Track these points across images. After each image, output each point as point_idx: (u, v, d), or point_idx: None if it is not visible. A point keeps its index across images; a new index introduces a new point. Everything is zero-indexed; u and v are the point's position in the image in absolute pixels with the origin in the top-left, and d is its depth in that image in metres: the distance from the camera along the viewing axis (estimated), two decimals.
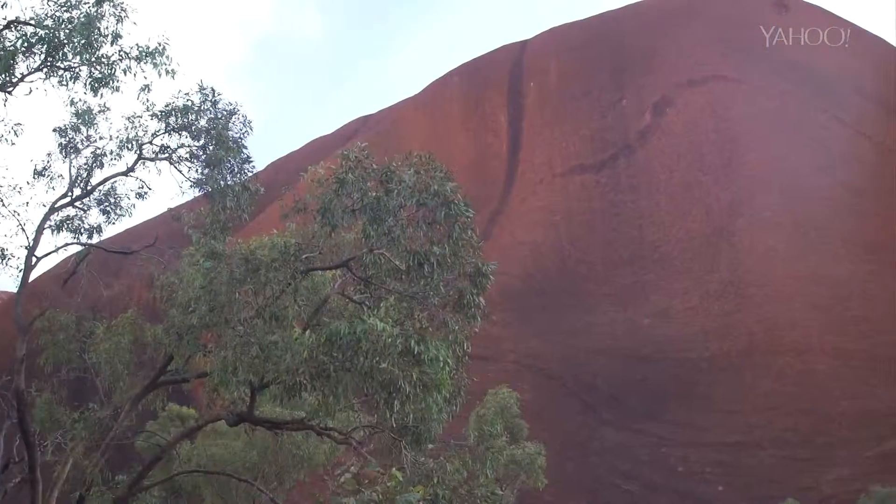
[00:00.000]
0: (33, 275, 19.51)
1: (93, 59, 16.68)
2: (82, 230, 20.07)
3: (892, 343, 40.73)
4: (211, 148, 18.52)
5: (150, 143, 19.23)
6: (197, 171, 18.90)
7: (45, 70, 16.80)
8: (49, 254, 19.79)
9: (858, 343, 41.03)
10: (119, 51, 17.06)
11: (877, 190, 48.59)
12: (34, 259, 18.95)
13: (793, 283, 44.27)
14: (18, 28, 16.23)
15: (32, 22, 16.27)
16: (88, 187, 19.90)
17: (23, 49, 16.29)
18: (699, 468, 40.34)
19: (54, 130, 19.57)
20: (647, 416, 42.93)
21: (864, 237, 45.68)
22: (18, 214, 19.31)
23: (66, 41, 16.34)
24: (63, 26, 16.25)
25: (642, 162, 54.42)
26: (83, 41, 16.34)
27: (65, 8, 16.42)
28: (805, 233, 46.15)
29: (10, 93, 16.75)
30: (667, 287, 48.09)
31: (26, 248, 18.94)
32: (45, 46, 16.31)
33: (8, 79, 16.53)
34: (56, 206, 19.50)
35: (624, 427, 43.29)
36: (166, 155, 19.16)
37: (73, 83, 17.14)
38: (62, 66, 16.82)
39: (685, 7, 61.74)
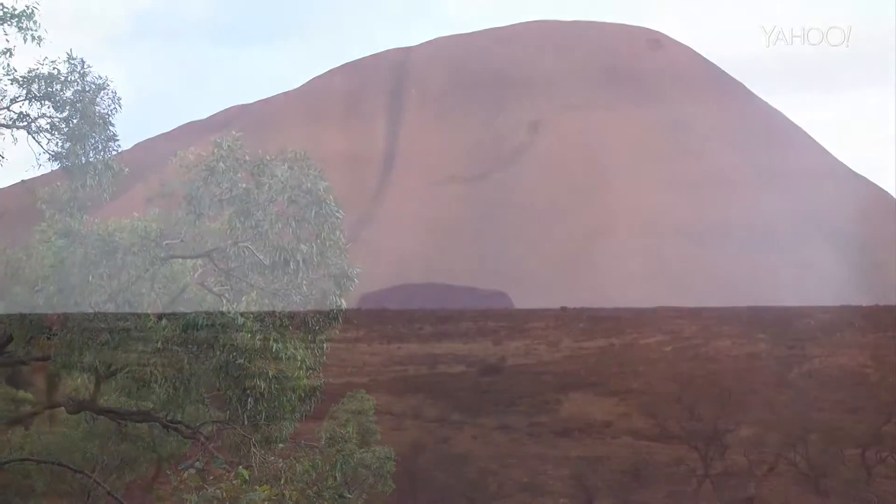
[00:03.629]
0: None
1: None
2: None
3: (719, 372, 43.40)
4: (75, 121, 17.58)
5: (8, 108, 18.10)
6: (57, 143, 17.91)
7: None
8: None
9: (696, 370, 43.43)
10: None
11: (721, 225, 51.79)
12: None
13: (644, 308, 46.42)
14: None
15: None
16: None
17: None
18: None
19: None
20: (498, 425, 43.89)
21: (708, 270, 48.53)
22: None
23: None
24: None
25: (514, 179, 55.78)
26: None
27: None
28: (657, 259, 48.54)
29: None
30: (528, 302, 49.37)
31: None
32: None
33: None
34: None
35: (477, 435, 44.09)
36: (24, 123, 18.09)
37: None
38: None
39: (566, 35, 63.99)
